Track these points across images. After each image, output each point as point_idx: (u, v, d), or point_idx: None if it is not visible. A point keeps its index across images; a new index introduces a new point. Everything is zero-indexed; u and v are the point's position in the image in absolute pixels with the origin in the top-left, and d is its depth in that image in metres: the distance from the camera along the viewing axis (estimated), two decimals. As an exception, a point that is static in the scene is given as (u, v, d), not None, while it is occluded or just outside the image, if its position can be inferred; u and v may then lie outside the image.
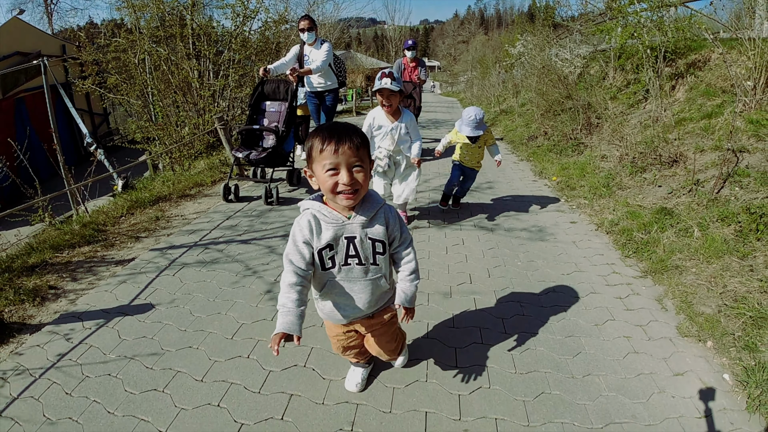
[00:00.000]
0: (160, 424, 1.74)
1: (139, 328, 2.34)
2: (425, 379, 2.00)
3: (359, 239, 1.48)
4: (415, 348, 2.23)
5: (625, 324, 2.43)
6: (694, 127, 5.04)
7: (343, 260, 1.50)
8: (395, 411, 1.82)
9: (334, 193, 1.39)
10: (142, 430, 1.72)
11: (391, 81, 3.08)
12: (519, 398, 1.90)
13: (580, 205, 4.37)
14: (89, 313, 2.50)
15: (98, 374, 2.02)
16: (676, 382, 2.01)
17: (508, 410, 1.84)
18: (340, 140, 1.33)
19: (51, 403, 1.86)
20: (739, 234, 3.13)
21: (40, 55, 11.88)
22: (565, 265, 3.12)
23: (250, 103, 4.91)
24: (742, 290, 2.66)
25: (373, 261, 1.53)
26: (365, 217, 1.47)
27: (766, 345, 2.19)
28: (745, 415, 1.83)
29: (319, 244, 1.45)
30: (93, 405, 1.85)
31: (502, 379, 2.01)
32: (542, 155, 6.43)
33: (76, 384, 1.97)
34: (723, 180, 3.77)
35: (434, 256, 3.25)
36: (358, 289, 1.55)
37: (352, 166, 1.36)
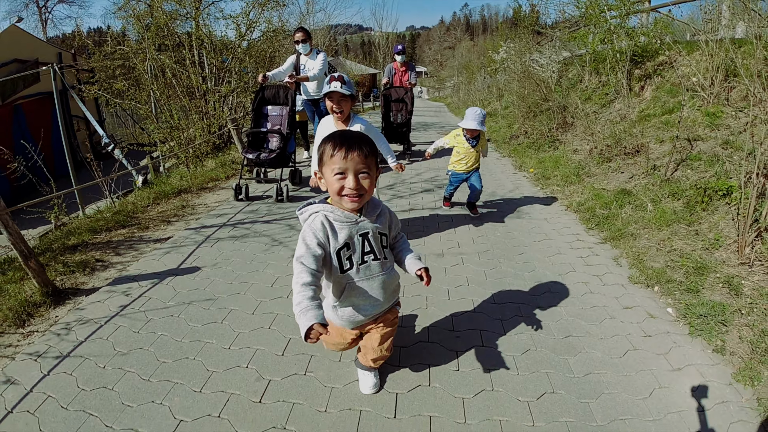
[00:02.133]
0: (223, 343, 2.26)
1: (191, 284, 2.85)
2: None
3: (372, 234, 1.60)
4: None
5: (584, 274, 2.99)
6: (656, 121, 5.66)
7: (360, 259, 1.59)
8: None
9: (339, 195, 1.50)
10: (206, 350, 2.21)
11: (342, 84, 2.76)
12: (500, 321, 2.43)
13: (553, 191, 4.95)
14: (142, 276, 2.99)
15: (161, 316, 2.51)
16: (625, 314, 2.56)
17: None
18: (350, 147, 1.45)
19: (120, 341, 2.33)
20: (687, 206, 3.72)
21: (37, 63, 12.17)
22: (537, 235, 3.68)
23: (252, 108, 5.22)
24: (687, 249, 3.23)
25: (384, 255, 1.66)
26: (372, 215, 1.61)
27: (705, 288, 2.75)
28: (688, 339, 2.38)
29: (337, 245, 1.54)
30: (161, 337, 2.34)
31: (493, 328, 2.54)
32: (522, 152, 7.02)
33: (142, 325, 2.46)
34: (676, 164, 4.38)
35: (429, 228, 3.79)
36: (377, 286, 1.64)
37: (359, 173, 1.47)
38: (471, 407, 1.87)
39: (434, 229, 3.86)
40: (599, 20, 7.60)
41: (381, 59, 30.72)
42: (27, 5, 28.44)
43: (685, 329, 2.45)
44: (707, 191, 3.68)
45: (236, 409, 1.86)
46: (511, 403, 1.89)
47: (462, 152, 3.92)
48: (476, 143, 3.85)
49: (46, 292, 2.76)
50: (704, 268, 2.92)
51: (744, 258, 2.92)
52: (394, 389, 1.97)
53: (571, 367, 2.10)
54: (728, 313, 2.49)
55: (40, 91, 11.97)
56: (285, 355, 2.18)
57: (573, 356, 2.18)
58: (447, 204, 4.40)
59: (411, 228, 3.86)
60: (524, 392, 1.96)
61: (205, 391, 1.95)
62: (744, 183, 3.11)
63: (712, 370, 2.11)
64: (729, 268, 2.91)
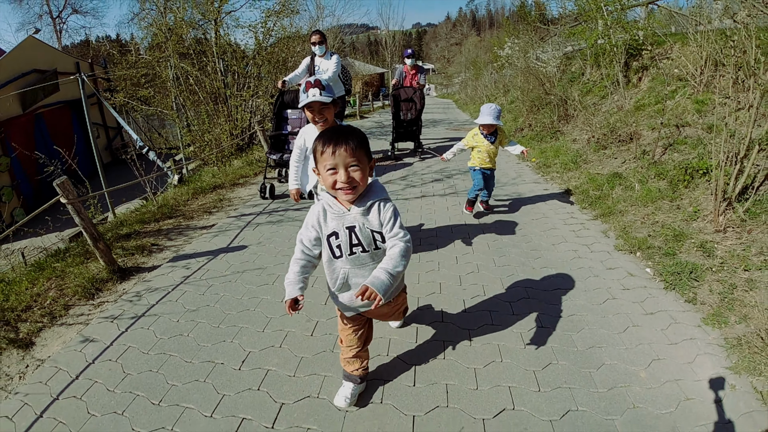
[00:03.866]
0: (276, 299, 2.78)
1: (242, 258, 3.41)
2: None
3: (358, 228, 1.63)
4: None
5: (574, 244, 3.45)
6: (650, 110, 6.05)
7: (348, 250, 1.64)
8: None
9: (334, 189, 1.58)
10: (262, 304, 2.74)
11: (321, 91, 2.37)
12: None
13: (553, 177, 5.40)
14: (197, 254, 3.53)
15: (221, 282, 3.05)
16: (608, 273, 3.01)
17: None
18: (337, 143, 1.52)
19: (189, 301, 2.85)
20: (670, 184, 4.14)
21: (56, 73, 12.81)
22: (535, 214, 4.15)
23: (273, 111, 5.59)
24: (668, 221, 3.66)
25: (376, 247, 1.66)
26: (361, 208, 1.62)
27: (681, 252, 3.18)
28: (663, 292, 2.83)
29: (327, 231, 1.65)
30: (224, 296, 2.86)
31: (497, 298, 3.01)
32: (526, 143, 7.44)
33: (205, 289, 2.98)
34: (664, 148, 4.79)
35: (440, 212, 4.26)
36: (369, 276, 1.58)
37: (349, 166, 1.53)
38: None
39: (443, 211, 4.35)
40: (597, 16, 7.98)
41: (389, 58, 31.18)
42: (40, 16, 29.47)
43: (661, 285, 2.89)
44: (689, 170, 4.10)
45: (293, 340, 2.38)
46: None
47: (483, 150, 3.95)
48: (495, 139, 3.92)
49: (112, 269, 3.28)
50: (682, 235, 3.35)
51: (718, 226, 3.34)
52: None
53: (560, 313, 2.56)
54: (701, 270, 2.92)
55: (60, 100, 12.52)
56: (327, 304, 2.70)
57: (559, 305, 2.64)
58: (470, 209, 4.27)
59: (423, 211, 4.35)
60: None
61: (266, 331, 2.49)
62: (723, 161, 3.52)
63: (683, 315, 2.54)
64: (704, 235, 3.33)
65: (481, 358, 2.20)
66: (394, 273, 1.55)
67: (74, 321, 2.77)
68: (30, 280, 3.18)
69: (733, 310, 2.51)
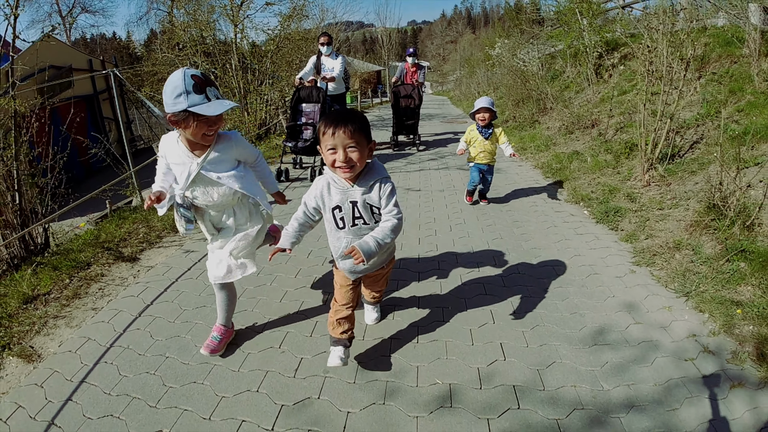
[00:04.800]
0: (312, 246, 3.92)
1: (286, 209, 4.53)
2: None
3: (360, 204, 1.81)
4: None
5: (535, 198, 4.68)
6: (615, 101, 7.25)
7: (351, 222, 1.84)
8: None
9: (333, 167, 1.73)
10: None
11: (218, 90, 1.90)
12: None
13: (528, 157, 6.60)
14: None
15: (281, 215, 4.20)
16: (556, 215, 4.19)
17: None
18: (337, 125, 1.65)
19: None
20: (615, 157, 5.34)
21: (71, 69, 13.71)
22: (510, 183, 5.36)
23: (291, 105, 6.21)
24: (609, 182, 4.84)
25: (375, 221, 1.85)
26: (363, 187, 1.79)
27: (612, 200, 4.35)
28: (593, 223, 4.02)
29: (331, 204, 1.83)
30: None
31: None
32: (509, 132, 8.64)
33: (276, 214, 4.14)
34: (615, 130, 5.99)
35: (432, 178, 5.44)
36: None
37: (347, 147, 1.66)
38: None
39: (436, 178, 5.54)
40: (572, 21, 9.18)
41: (385, 56, 32.23)
42: (50, 15, 30.30)
43: (593, 220, 4.07)
44: (628, 145, 5.30)
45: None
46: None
47: (479, 146, 4.24)
48: (490, 134, 4.21)
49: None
50: (615, 189, 4.54)
51: (644, 182, 4.51)
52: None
53: (519, 237, 3.71)
54: (624, 211, 4.08)
55: (75, 95, 13.46)
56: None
57: (519, 233, 3.82)
58: (469, 199, 4.61)
59: (421, 179, 5.54)
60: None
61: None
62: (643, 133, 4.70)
63: (605, 237, 3.68)
64: (633, 189, 4.51)
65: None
66: (382, 243, 1.74)
67: (170, 244, 3.87)
68: (116, 225, 4.24)
69: (643, 232, 3.65)
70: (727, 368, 2.05)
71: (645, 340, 2.27)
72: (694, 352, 2.17)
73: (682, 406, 1.84)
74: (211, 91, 1.76)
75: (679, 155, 4.72)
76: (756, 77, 5.42)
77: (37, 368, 2.26)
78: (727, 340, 2.26)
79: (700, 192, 3.79)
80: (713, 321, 2.43)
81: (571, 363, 2.12)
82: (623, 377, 2.01)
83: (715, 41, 6.87)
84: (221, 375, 2.12)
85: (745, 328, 2.33)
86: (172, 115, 1.74)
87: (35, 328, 2.67)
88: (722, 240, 3.15)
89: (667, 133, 4.61)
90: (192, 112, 1.72)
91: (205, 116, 1.74)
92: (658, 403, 1.86)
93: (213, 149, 1.93)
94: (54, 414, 1.92)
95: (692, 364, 2.09)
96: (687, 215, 3.63)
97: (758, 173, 3.76)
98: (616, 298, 2.70)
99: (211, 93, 1.76)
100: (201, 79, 1.74)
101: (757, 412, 1.80)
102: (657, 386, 1.95)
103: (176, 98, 1.70)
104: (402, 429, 1.78)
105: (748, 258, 2.91)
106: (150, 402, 1.96)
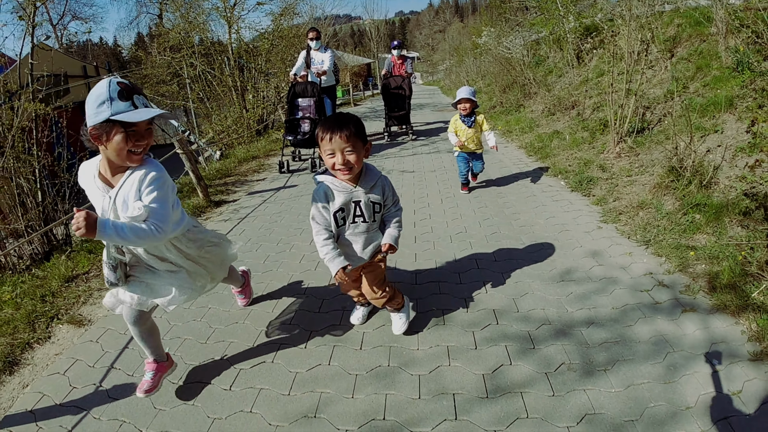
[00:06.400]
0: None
1: (296, 191, 5.07)
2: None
3: (364, 202, 1.94)
4: None
5: (518, 173, 5.11)
6: (592, 83, 7.68)
7: (351, 219, 1.97)
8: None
9: (333, 170, 1.85)
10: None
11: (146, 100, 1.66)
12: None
13: (512, 139, 7.03)
14: (265, 191, 5.21)
15: (289, 199, 4.70)
16: (537, 186, 4.62)
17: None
18: (333, 131, 1.77)
19: (271, 211, 4.39)
20: (591, 134, 5.77)
21: (67, 75, 14.00)
22: (497, 162, 5.77)
23: (287, 100, 6.47)
24: (584, 156, 5.28)
25: (374, 219, 2.01)
26: (366, 187, 1.93)
27: (587, 171, 4.77)
28: (569, 191, 4.45)
29: (334, 208, 1.92)
30: (294, 207, 4.44)
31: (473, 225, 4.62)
32: (496, 117, 9.07)
33: (279, 205, 4.59)
34: (592, 110, 6.42)
35: (423, 158, 5.85)
36: (361, 242, 2.03)
37: (345, 151, 1.79)
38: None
39: (428, 161, 5.97)
40: (552, 8, 9.58)
41: (375, 49, 32.46)
42: (41, 23, 30.22)
43: (569, 189, 4.51)
44: (603, 122, 5.73)
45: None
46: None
47: (462, 135, 4.33)
48: (472, 122, 4.30)
49: (208, 201, 4.84)
50: (590, 162, 4.98)
51: (616, 154, 4.95)
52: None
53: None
54: (597, 180, 4.53)
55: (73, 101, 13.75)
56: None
57: (504, 202, 4.24)
58: (465, 188, 4.69)
59: (415, 161, 5.95)
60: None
61: None
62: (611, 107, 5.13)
63: (578, 202, 4.11)
64: (605, 161, 4.95)
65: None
66: (398, 235, 2.06)
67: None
68: None
69: (612, 196, 4.10)
70: (680, 297, 2.45)
71: (606, 277, 2.71)
72: (649, 286, 2.60)
73: (636, 324, 2.25)
74: (138, 99, 1.58)
75: (649, 128, 5.16)
76: (723, 53, 5.84)
77: (89, 330, 2.64)
78: (682, 277, 2.66)
79: (664, 159, 4.22)
80: (669, 263, 2.85)
81: (541, 293, 2.58)
82: (585, 303, 2.46)
83: (686, 22, 7.28)
84: (259, 316, 2.55)
85: (698, 267, 2.75)
86: (92, 128, 1.55)
87: (81, 300, 3.07)
88: (680, 197, 3.59)
89: (637, 109, 5.04)
90: (116, 120, 1.52)
91: (133, 127, 1.55)
92: (615, 321, 2.29)
93: (130, 175, 1.63)
94: (113, 360, 2.31)
95: (647, 294, 2.52)
96: (651, 180, 4.07)
97: (717, 139, 4.20)
98: (583, 248, 3.14)
99: (138, 101, 1.58)
100: (128, 86, 1.56)
101: (709, 332, 2.13)
102: (614, 309, 2.39)
103: (99, 107, 1.52)
104: (403, 341, 2.22)
105: (702, 211, 3.35)
106: (200, 340, 2.39)
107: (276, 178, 5.81)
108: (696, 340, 2.10)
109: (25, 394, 2.12)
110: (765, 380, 1.83)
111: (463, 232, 3.63)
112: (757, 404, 1.72)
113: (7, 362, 2.34)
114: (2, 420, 1.95)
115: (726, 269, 2.57)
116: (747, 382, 1.82)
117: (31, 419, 1.94)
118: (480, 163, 4.50)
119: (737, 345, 2.04)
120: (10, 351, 2.44)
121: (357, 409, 1.84)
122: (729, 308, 2.29)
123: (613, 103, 5.02)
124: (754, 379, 1.84)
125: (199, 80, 10.06)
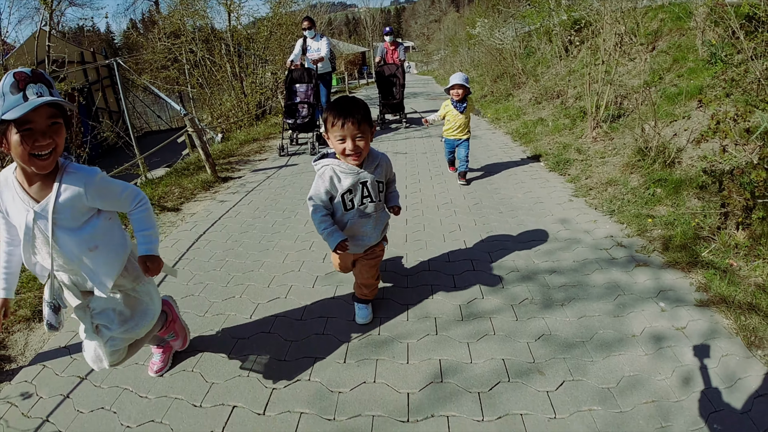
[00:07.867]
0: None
1: (297, 169, 5.44)
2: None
3: (370, 182, 2.00)
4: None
5: (503, 156, 5.52)
6: (576, 74, 8.07)
7: (359, 201, 2.01)
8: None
9: (343, 155, 1.91)
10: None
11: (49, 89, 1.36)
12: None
13: (500, 126, 7.42)
14: (267, 169, 5.54)
15: (291, 176, 5.09)
16: (520, 167, 5.03)
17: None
18: (345, 118, 1.81)
19: (275, 185, 4.78)
20: (572, 120, 6.18)
21: (65, 61, 14.20)
22: (484, 146, 6.18)
23: (285, 86, 6.68)
24: (564, 141, 5.69)
25: (379, 198, 2.07)
26: (371, 167, 2.01)
27: (565, 154, 5.18)
28: (547, 171, 4.86)
29: (342, 189, 1.95)
30: (296, 183, 4.81)
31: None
32: (487, 106, 9.46)
33: (282, 181, 4.96)
34: (575, 99, 6.82)
35: (416, 142, 6.23)
36: (371, 222, 2.07)
37: (355, 137, 1.84)
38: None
39: (420, 144, 6.36)
40: (541, 1, 9.92)
41: (369, 37, 32.55)
42: (38, 10, 29.94)
43: (547, 169, 4.92)
44: (582, 109, 6.14)
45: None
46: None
47: (452, 119, 4.41)
48: (464, 108, 4.36)
49: (215, 177, 5.20)
50: (568, 146, 5.39)
51: (592, 138, 5.37)
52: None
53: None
54: (573, 161, 4.94)
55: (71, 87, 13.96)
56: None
57: (490, 182, 4.64)
58: (453, 168, 4.90)
59: (408, 143, 6.33)
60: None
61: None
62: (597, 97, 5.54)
63: (554, 180, 4.53)
64: (583, 144, 5.37)
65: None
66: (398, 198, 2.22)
67: (203, 198, 4.66)
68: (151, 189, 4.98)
69: (584, 174, 4.52)
70: (635, 255, 2.84)
71: (571, 239, 3.14)
72: (609, 246, 3.02)
73: (593, 274, 2.67)
74: (32, 88, 1.29)
75: (625, 115, 5.57)
76: (699, 47, 6.25)
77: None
78: (639, 240, 3.06)
79: (633, 142, 4.64)
80: (629, 228, 3.27)
81: (513, 249, 3.02)
82: (550, 257, 2.89)
83: (668, 17, 7.68)
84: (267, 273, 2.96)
85: (655, 232, 3.17)
86: None
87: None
88: (645, 174, 4.01)
89: (616, 98, 5.45)
90: (6, 120, 1.26)
91: (27, 125, 1.28)
92: (574, 270, 2.71)
93: (59, 190, 1.40)
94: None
95: (606, 252, 2.94)
96: (622, 160, 4.49)
97: (684, 124, 4.63)
98: (553, 216, 3.58)
99: (31, 90, 1.28)
100: (26, 75, 1.29)
101: (659, 282, 2.48)
102: (575, 262, 2.81)
103: None
104: (395, 280, 2.61)
105: (663, 186, 3.77)
106: (238, 260, 2.82)
107: (277, 159, 6.17)
108: (646, 287, 2.45)
109: (55, 336, 2.30)
110: (709, 322, 2.11)
111: (449, 202, 4.04)
112: (701, 339, 2.01)
113: (37, 311, 2.54)
114: (35, 357, 2.17)
115: (679, 233, 2.98)
116: (691, 322, 2.12)
117: (66, 353, 2.17)
118: (464, 150, 4.44)
119: (685, 293, 2.37)
120: (39, 302, 2.61)
121: (354, 327, 2.26)
122: (680, 264, 2.65)
123: (591, 92, 5.41)
124: (699, 320, 2.13)
125: (198, 66, 10.31)
